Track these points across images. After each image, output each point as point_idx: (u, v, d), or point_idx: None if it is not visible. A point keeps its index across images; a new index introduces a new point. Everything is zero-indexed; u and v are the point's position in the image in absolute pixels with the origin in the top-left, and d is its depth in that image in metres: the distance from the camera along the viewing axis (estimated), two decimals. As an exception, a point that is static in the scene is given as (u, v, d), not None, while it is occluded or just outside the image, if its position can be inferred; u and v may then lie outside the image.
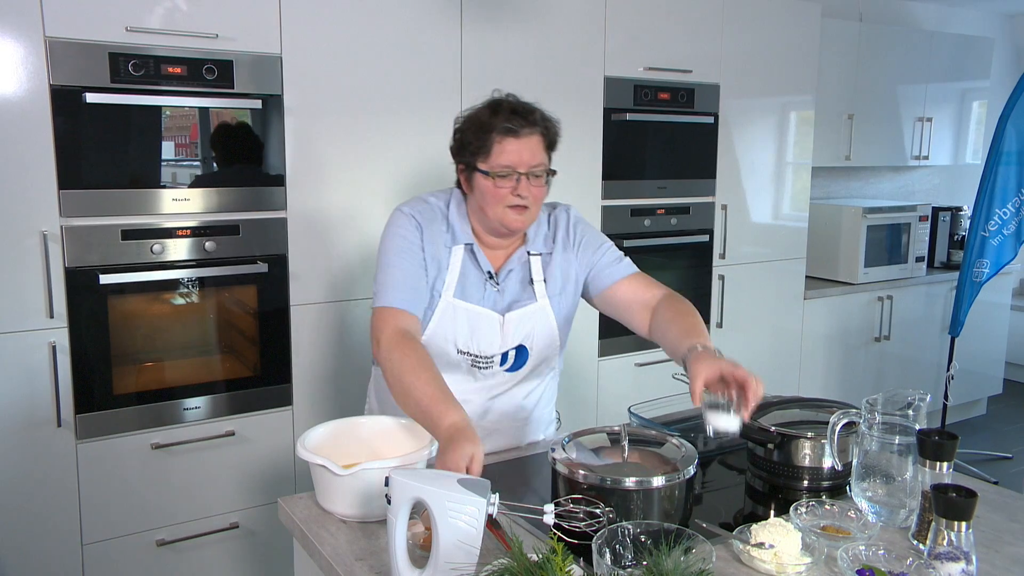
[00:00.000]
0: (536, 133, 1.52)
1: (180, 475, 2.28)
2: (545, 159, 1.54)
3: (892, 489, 1.33)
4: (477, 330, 1.57)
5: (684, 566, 1.00)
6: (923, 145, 4.29)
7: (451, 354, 1.57)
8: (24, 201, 2.01)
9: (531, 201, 1.52)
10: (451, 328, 1.56)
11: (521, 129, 1.49)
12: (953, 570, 1.10)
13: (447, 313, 1.55)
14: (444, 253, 1.56)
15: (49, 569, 2.13)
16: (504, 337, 1.59)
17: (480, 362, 1.59)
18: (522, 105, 1.53)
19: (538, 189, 1.53)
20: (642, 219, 3.07)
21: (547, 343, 1.65)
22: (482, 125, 1.51)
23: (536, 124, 1.52)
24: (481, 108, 1.54)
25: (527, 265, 1.62)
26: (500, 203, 1.51)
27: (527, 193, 1.51)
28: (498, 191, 1.50)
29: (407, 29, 2.47)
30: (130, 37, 2.07)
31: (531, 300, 1.61)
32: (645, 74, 2.97)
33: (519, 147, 1.49)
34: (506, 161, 1.49)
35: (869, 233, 3.88)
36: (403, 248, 1.53)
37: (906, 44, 4.13)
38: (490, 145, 1.49)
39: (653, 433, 1.47)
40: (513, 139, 1.49)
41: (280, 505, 1.43)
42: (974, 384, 4.46)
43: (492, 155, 1.49)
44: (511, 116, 1.49)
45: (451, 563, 1.06)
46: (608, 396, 3.07)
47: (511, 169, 1.49)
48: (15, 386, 2.05)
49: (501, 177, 1.49)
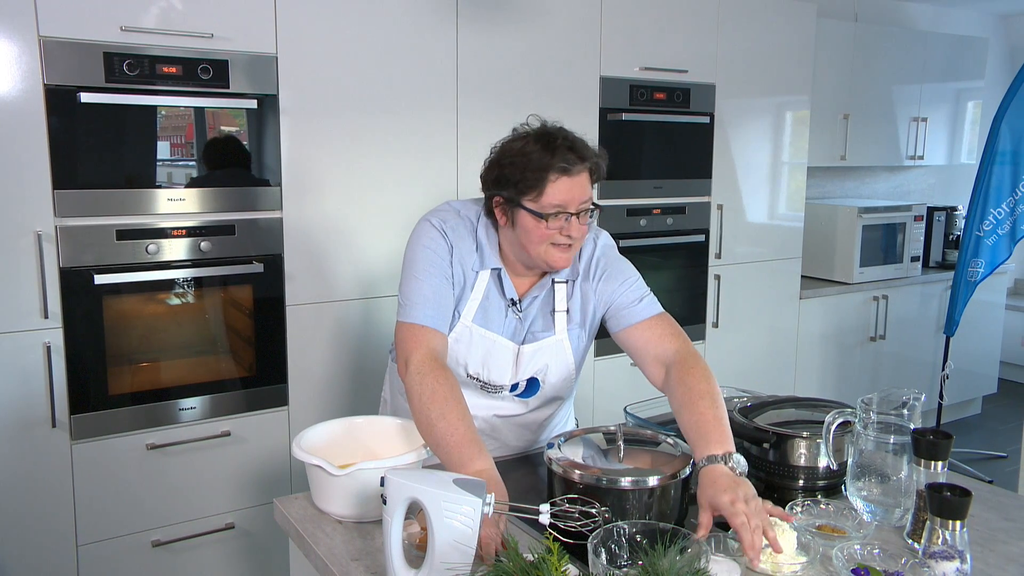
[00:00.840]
0: (586, 169, 1.44)
1: (176, 475, 2.28)
2: (591, 194, 1.47)
3: (887, 488, 1.33)
4: (490, 357, 1.53)
5: (679, 565, 1.00)
6: (918, 145, 4.30)
7: (461, 376, 1.54)
8: (18, 201, 2.00)
9: (576, 239, 1.46)
10: (464, 352, 1.53)
11: (574, 166, 1.42)
12: (948, 569, 1.11)
13: (463, 337, 1.51)
14: (471, 275, 1.51)
15: (44, 570, 2.13)
16: (518, 368, 1.55)
17: (490, 388, 1.57)
18: (574, 140, 1.45)
19: (584, 227, 1.47)
20: (638, 219, 3.07)
21: (562, 377, 1.61)
22: (534, 163, 1.41)
23: (587, 160, 1.44)
24: (530, 143, 1.44)
25: (551, 293, 1.57)
26: (545, 242, 1.44)
27: (576, 232, 1.45)
28: (547, 232, 1.43)
29: (403, 29, 2.47)
30: (125, 37, 2.07)
31: (550, 332, 1.56)
32: (641, 74, 2.97)
33: (571, 185, 1.42)
34: (558, 201, 1.41)
35: (864, 233, 3.89)
36: (433, 263, 1.47)
37: (901, 44, 4.14)
38: (543, 185, 1.41)
39: (649, 433, 1.48)
40: (567, 178, 1.41)
41: (276, 505, 1.42)
42: (969, 383, 4.47)
43: (544, 195, 1.41)
44: (567, 154, 1.41)
45: (447, 563, 1.06)
46: (604, 396, 3.08)
47: (562, 209, 1.42)
48: (10, 387, 2.04)
49: (552, 217, 1.42)
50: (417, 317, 1.44)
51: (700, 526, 1.22)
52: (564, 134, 1.46)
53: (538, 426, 1.67)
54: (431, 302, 1.45)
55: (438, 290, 1.46)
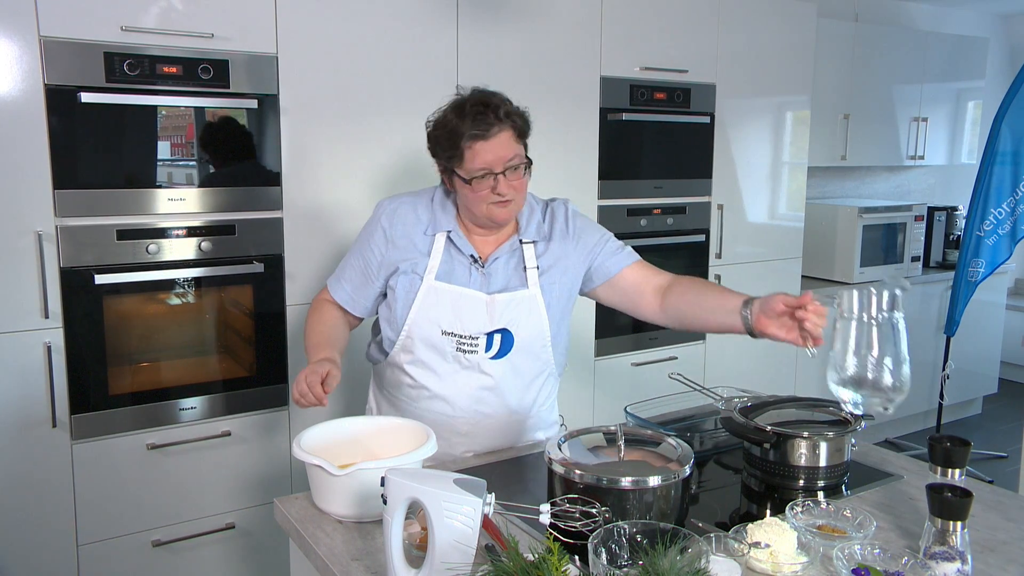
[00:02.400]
0: (505, 128, 1.52)
1: (176, 475, 2.28)
2: (520, 150, 1.55)
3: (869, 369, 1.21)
4: (461, 310, 1.58)
5: (680, 565, 1.00)
6: (918, 145, 4.30)
7: (435, 336, 1.59)
8: (19, 201, 2.01)
9: (513, 194, 1.54)
10: (435, 309, 1.58)
11: (489, 130, 1.49)
12: (949, 570, 1.11)
13: (430, 295, 1.58)
14: (426, 241, 1.61)
15: (45, 570, 2.13)
16: (490, 318, 1.59)
17: (465, 344, 1.59)
18: (486, 102, 1.52)
19: (518, 182, 1.55)
20: (638, 219, 3.07)
21: (535, 333, 1.64)
22: (451, 131, 1.51)
23: (503, 120, 1.51)
24: (448, 111, 1.54)
25: (519, 252, 1.64)
26: (483, 202, 1.54)
27: (507, 190, 1.53)
28: (476, 192, 1.52)
29: (403, 30, 2.47)
30: (125, 37, 2.07)
31: (522, 286, 1.62)
32: (641, 74, 2.97)
33: (490, 147, 1.50)
34: (480, 164, 1.50)
35: (865, 233, 3.89)
36: (361, 247, 1.66)
37: (902, 44, 4.14)
38: (462, 151, 1.51)
39: (649, 433, 1.48)
40: (483, 142, 1.49)
41: (276, 505, 1.42)
42: (969, 383, 4.47)
43: (466, 160, 1.51)
44: (477, 118, 1.49)
45: (447, 563, 1.06)
46: (604, 396, 3.08)
47: (487, 170, 1.51)
48: (10, 386, 2.04)
49: (479, 180, 1.51)
50: (333, 289, 1.70)
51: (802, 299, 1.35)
52: (477, 98, 1.53)
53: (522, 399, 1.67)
54: (348, 281, 1.68)
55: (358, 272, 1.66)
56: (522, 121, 1.56)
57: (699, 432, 1.75)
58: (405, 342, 1.62)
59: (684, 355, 3.26)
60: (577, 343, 2.99)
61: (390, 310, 1.63)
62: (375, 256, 1.63)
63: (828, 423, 1.56)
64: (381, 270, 1.63)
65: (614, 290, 1.69)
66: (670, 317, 1.64)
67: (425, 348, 1.61)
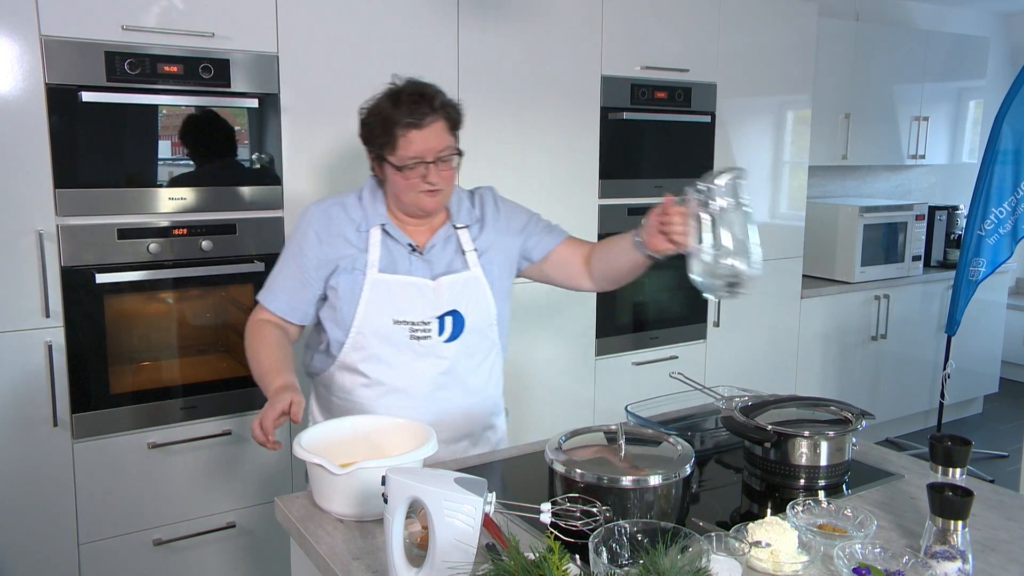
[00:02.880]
0: (439, 119, 1.54)
1: (177, 475, 2.28)
2: (451, 141, 1.58)
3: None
4: (409, 298, 1.59)
5: (680, 564, 1.00)
6: (919, 144, 4.30)
7: (387, 327, 1.58)
8: (20, 200, 2.01)
9: (443, 184, 1.57)
10: (383, 300, 1.58)
11: (423, 119, 1.52)
12: (949, 569, 1.11)
13: (377, 288, 1.58)
14: (360, 238, 1.61)
15: (46, 568, 2.13)
16: (437, 301, 1.60)
17: (418, 330, 1.59)
18: (421, 92, 1.55)
19: (448, 172, 1.58)
20: (639, 218, 3.02)
21: (483, 313, 1.66)
22: (385, 119, 1.53)
23: (437, 110, 1.54)
24: (382, 99, 1.56)
25: (455, 237, 1.66)
26: (412, 191, 1.56)
27: (437, 179, 1.55)
28: (409, 181, 1.55)
29: (404, 28, 2.47)
30: (126, 36, 2.07)
31: (464, 268, 1.64)
32: (642, 73, 2.97)
33: (424, 136, 1.52)
34: (413, 153, 1.53)
35: (866, 232, 3.89)
36: (293, 253, 1.63)
37: (902, 43, 4.14)
38: (395, 139, 1.52)
39: (650, 432, 1.48)
40: (416, 131, 1.52)
41: (277, 504, 1.42)
42: (970, 383, 4.47)
43: (399, 148, 1.53)
44: (412, 107, 1.52)
45: (448, 562, 1.06)
46: (605, 395, 3.08)
47: (419, 159, 1.53)
48: (11, 385, 2.05)
49: (410, 168, 1.53)
50: (266, 300, 1.65)
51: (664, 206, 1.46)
52: (413, 88, 1.56)
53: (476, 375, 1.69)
54: (282, 289, 1.64)
55: (291, 279, 1.63)
56: (455, 113, 1.59)
57: (700, 431, 1.75)
58: (356, 339, 1.60)
59: (685, 354, 3.26)
60: (578, 342, 3.00)
61: (335, 310, 1.61)
62: (311, 259, 1.61)
63: (829, 422, 1.56)
64: (320, 271, 1.61)
65: (551, 267, 1.75)
66: (597, 281, 1.73)
67: (378, 342, 1.59)
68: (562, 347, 2.95)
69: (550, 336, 2.91)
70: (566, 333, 2.95)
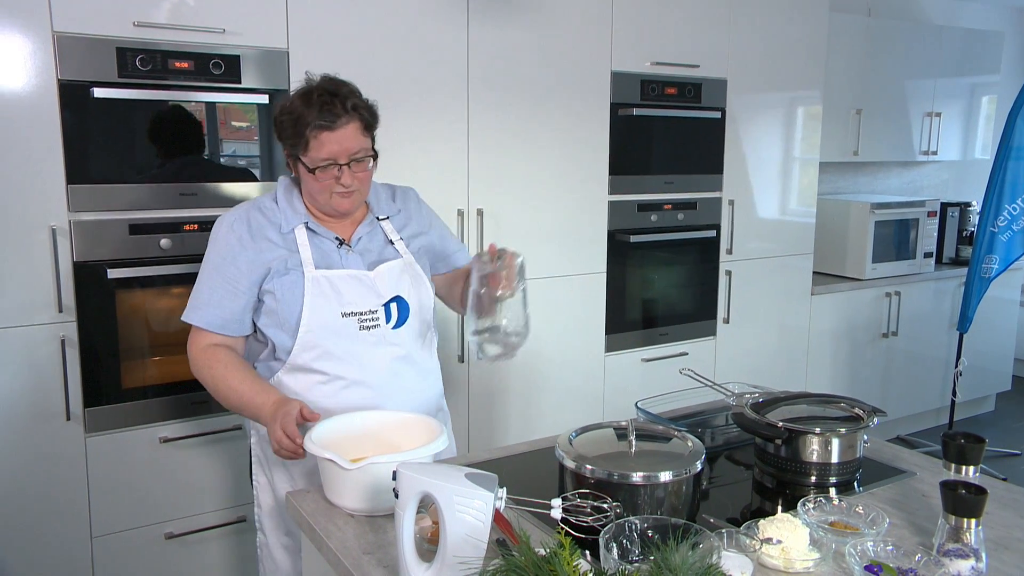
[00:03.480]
0: (353, 121, 1.51)
1: (188, 469, 2.29)
2: (366, 143, 1.55)
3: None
4: (352, 290, 1.57)
5: (692, 561, 1.00)
6: (932, 140, 4.27)
7: (336, 321, 1.56)
8: (33, 196, 2.02)
9: (357, 185, 1.55)
10: (329, 296, 1.56)
11: (336, 121, 1.48)
12: (963, 567, 1.10)
13: (318, 284, 1.55)
14: (287, 239, 1.57)
15: (59, 561, 2.15)
16: (380, 290, 1.59)
17: (367, 320, 1.58)
18: (333, 92, 1.51)
19: (363, 174, 1.55)
20: (649, 214, 3.06)
21: (422, 296, 1.66)
22: (297, 119, 1.50)
23: (350, 112, 1.51)
24: (295, 98, 1.53)
25: (379, 228, 1.66)
26: (326, 192, 1.54)
27: (350, 181, 1.53)
28: (320, 181, 1.52)
29: (414, 24, 2.47)
30: (138, 32, 2.08)
31: (396, 256, 1.65)
32: (652, 69, 2.96)
33: (336, 138, 1.49)
34: (325, 155, 1.50)
35: (877, 229, 3.87)
36: (217, 264, 1.56)
37: (915, 39, 4.11)
38: (307, 139, 1.49)
39: (660, 428, 1.47)
40: (328, 132, 1.48)
41: (288, 499, 1.43)
42: (983, 380, 4.44)
43: (311, 149, 1.50)
44: (323, 108, 1.48)
45: (459, 557, 1.06)
46: (614, 391, 3.07)
47: (332, 161, 1.51)
48: (26, 379, 2.06)
49: (322, 170, 1.51)
50: (194, 318, 1.58)
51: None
52: (325, 87, 1.52)
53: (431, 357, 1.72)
54: (207, 302, 1.56)
55: (216, 288, 1.56)
56: (369, 114, 1.56)
57: (710, 428, 1.74)
58: (306, 338, 1.55)
59: (694, 351, 3.26)
60: (587, 339, 2.99)
61: (276, 315, 1.56)
62: (240, 266, 1.55)
63: (840, 419, 1.56)
64: (251, 277, 1.55)
65: (450, 280, 1.77)
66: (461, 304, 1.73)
67: (329, 336, 1.55)
68: (572, 343, 2.95)
69: (559, 332, 2.91)
70: (576, 329, 2.95)
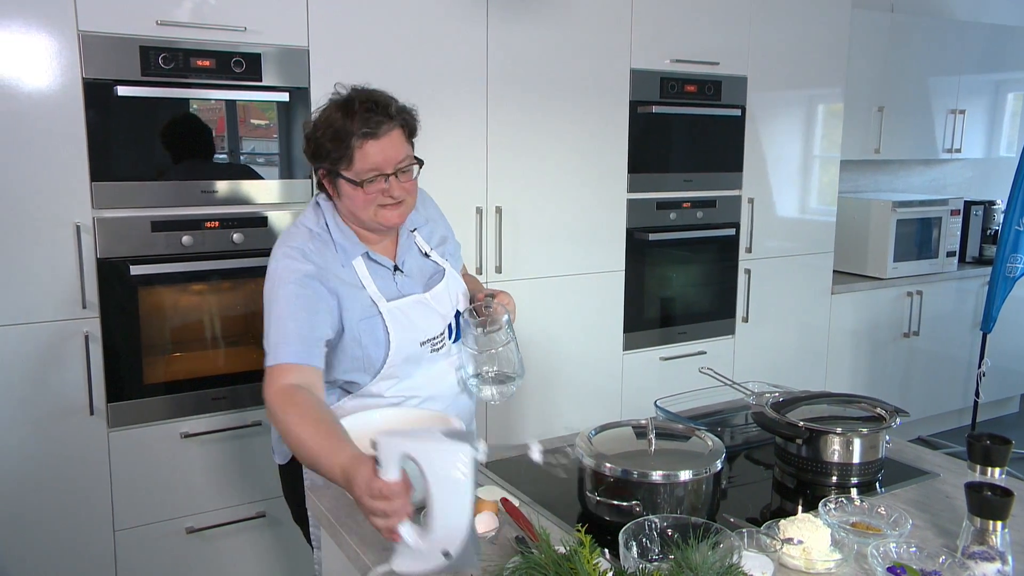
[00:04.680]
0: (396, 127, 1.46)
1: (208, 464, 2.31)
2: (409, 150, 1.50)
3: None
4: (422, 317, 1.54)
5: (712, 560, 1.00)
6: (955, 138, 4.21)
7: (415, 350, 1.53)
8: (58, 193, 2.04)
9: (404, 195, 1.49)
10: (407, 328, 1.52)
11: (379, 128, 1.42)
12: (988, 570, 1.09)
13: (395, 318, 1.50)
14: (349, 273, 1.50)
15: (83, 554, 2.18)
16: (441, 311, 1.58)
17: (437, 343, 1.57)
18: (374, 100, 1.45)
19: (410, 184, 1.50)
20: (668, 212, 3.05)
21: (464, 302, 1.64)
22: (338, 131, 1.43)
23: (393, 118, 1.45)
24: (331, 111, 1.46)
25: (412, 242, 1.62)
26: (372, 205, 1.46)
27: (399, 192, 1.47)
28: (368, 196, 1.45)
29: (433, 22, 2.47)
30: (160, 31, 2.10)
31: (439, 270, 1.62)
32: (672, 66, 2.94)
33: (382, 147, 1.43)
34: (371, 165, 1.43)
35: (899, 227, 3.82)
36: (293, 295, 1.42)
37: (939, 35, 4.05)
38: (352, 152, 1.42)
39: (680, 427, 1.47)
40: (374, 141, 1.42)
41: (307, 495, 1.44)
42: (1006, 381, 4.38)
43: (355, 161, 1.43)
44: (366, 117, 1.42)
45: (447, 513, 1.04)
46: (633, 390, 3.06)
47: (378, 171, 1.44)
48: (49, 374, 2.09)
49: (369, 182, 1.44)
50: (276, 357, 1.38)
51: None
52: (364, 96, 1.46)
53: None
54: (292, 338, 1.39)
55: (301, 322, 1.40)
56: (411, 119, 1.51)
57: (729, 427, 1.74)
58: (388, 371, 1.52)
59: (713, 350, 3.24)
60: (605, 337, 2.98)
61: (361, 360, 1.50)
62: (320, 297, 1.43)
63: (862, 419, 1.54)
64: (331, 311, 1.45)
65: None
66: None
67: (406, 365, 1.53)
68: (589, 342, 2.94)
69: (577, 331, 2.91)
70: (593, 328, 2.95)
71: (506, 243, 2.69)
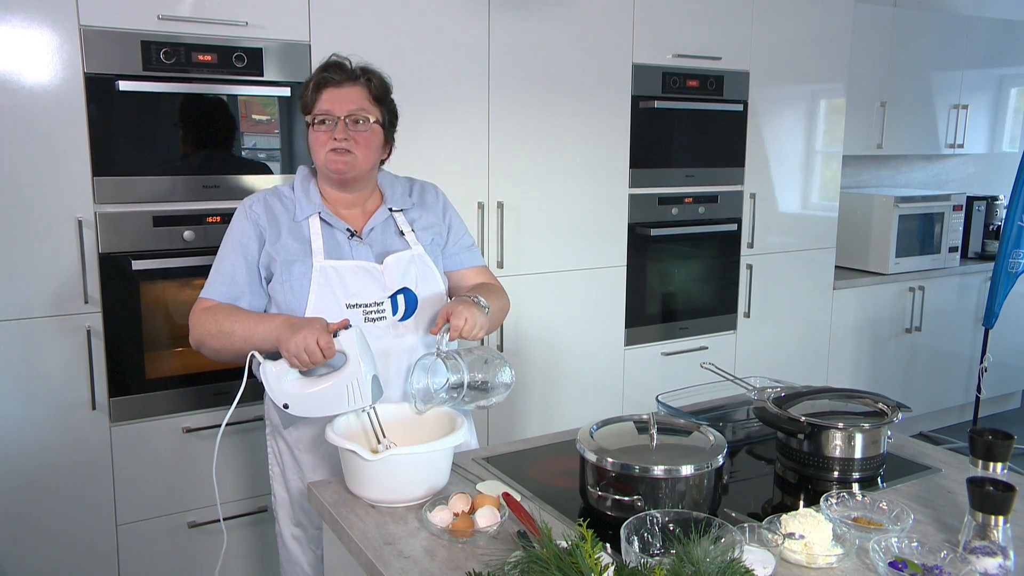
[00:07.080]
0: (359, 84, 1.59)
1: (210, 459, 2.31)
2: (369, 107, 1.60)
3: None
4: (358, 281, 1.58)
5: (714, 555, 1.00)
6: (958, 133, 4.20)
7: (341, 312, 1.55)
8: (59, 188, 2.04)
9: (352, 145, 1.57)
10: (334, 287, 1.56)
11: (341, 80, 1.58)
12: (990, 565, 1.09)
13: (325, 274, 1.57)
14: (302, 227, 1.61)
15: (84, 548, 2.18)
16: (387, 282, 1.59)
17: (371, 312, 1.58)
18: (346, 58, 1.62)
19: (360, 135, 1.58)
20: (669, 207, 3.04)
21: (433, 288, 1.65)
22: (310, 82, 1.61)
23: (358, 76, 1.60)
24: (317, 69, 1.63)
25: (392, 221, 1.67)
26: (323, 148, 1.58)
27: (343, 135, 1.56)
28: (318, 136, 1.58)
29: (435, 17, 2.47)
30: (162, 25, 2.09)
31: (405, 248, 1.64)
32: (674, 61, 2.94)
33: (337, 95, 1.57)
34: (324, 108, 1.57)
35: (901, 223, 3.82)
36: (234, 242, 1.61)
37: (942, 29, 4.04)
38: (316, 98, 1.59)
39: (681, 422, 1.47)
40: (333, 88, 1.58)
41: (310, 489, 1.44)
42: (1008, 376, 4.38)
43: (315, 105, 1.59)
44: (333, 69, 1.58)
45: (321, 396, 1.29)
46: (634, 385, 3.06)
47: (329, 114, 1.57)
48: (53, 369, 2.09)
49: (320, 123, 1.57)
50: (208, 292, 1.61)
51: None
52: (340, 57, 1.62)
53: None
54: (221, 280, 1.60)
55: (232, 265, 1.60)
56: (379, 83, 1.62)
57: (731, 422, 1.74)
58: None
59: (714, 345, 3.24)
60: (607, 332, 2.98)
61: (284, 307, 1.58)
62: (253, 250, 1.60)
63: (864, 415, 1.54)
64: (263, 260, 1.60)
65: (450, 281, 1.74)
66: None
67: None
68: (591, 337, 2.95)
69: (579, 326, 2.91)
70: (595, 323, 2.95)
71: (508, 238, 2.69)
